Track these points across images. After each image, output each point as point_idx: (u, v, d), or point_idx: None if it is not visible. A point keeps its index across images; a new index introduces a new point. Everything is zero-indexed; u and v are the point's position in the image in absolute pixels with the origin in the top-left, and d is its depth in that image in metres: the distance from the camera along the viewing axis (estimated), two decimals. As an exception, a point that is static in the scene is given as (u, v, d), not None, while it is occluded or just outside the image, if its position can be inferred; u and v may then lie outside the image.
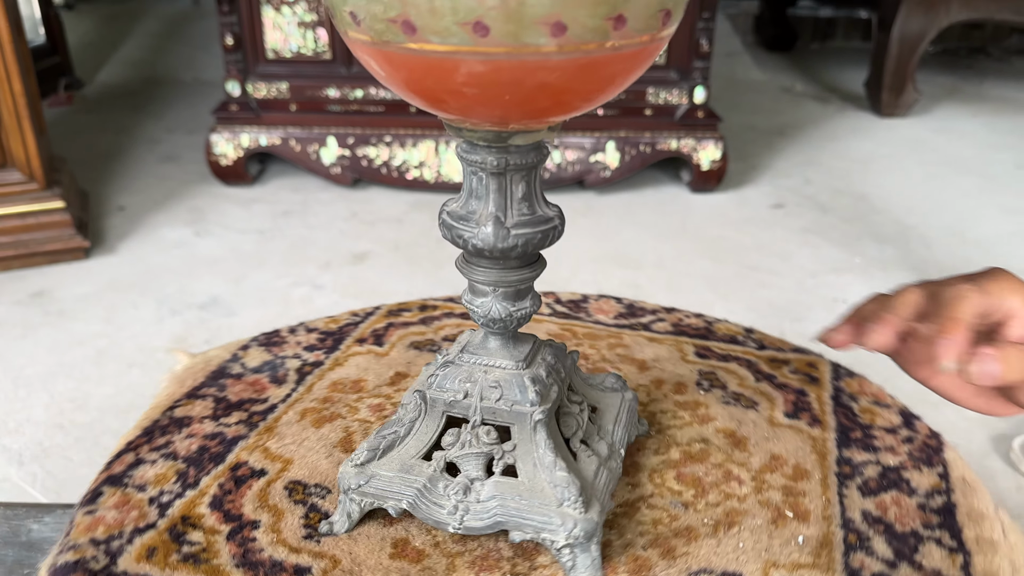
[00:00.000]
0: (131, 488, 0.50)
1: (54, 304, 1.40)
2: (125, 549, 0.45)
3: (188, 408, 0.59)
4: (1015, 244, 1.68)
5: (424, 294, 1.46)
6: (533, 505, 0.42)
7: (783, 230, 1.74)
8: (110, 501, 0.49)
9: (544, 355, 0.47)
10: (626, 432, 0.50)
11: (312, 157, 1.84)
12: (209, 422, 0.57)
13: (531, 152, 0.37)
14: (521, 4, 0.26)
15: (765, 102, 2.67)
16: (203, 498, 0.49)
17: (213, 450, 0.54)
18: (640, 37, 0.29)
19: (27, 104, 1.46)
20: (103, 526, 0.47)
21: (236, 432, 0.56)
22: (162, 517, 0.48)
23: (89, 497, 0.50)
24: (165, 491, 0.50)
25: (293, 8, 1.74)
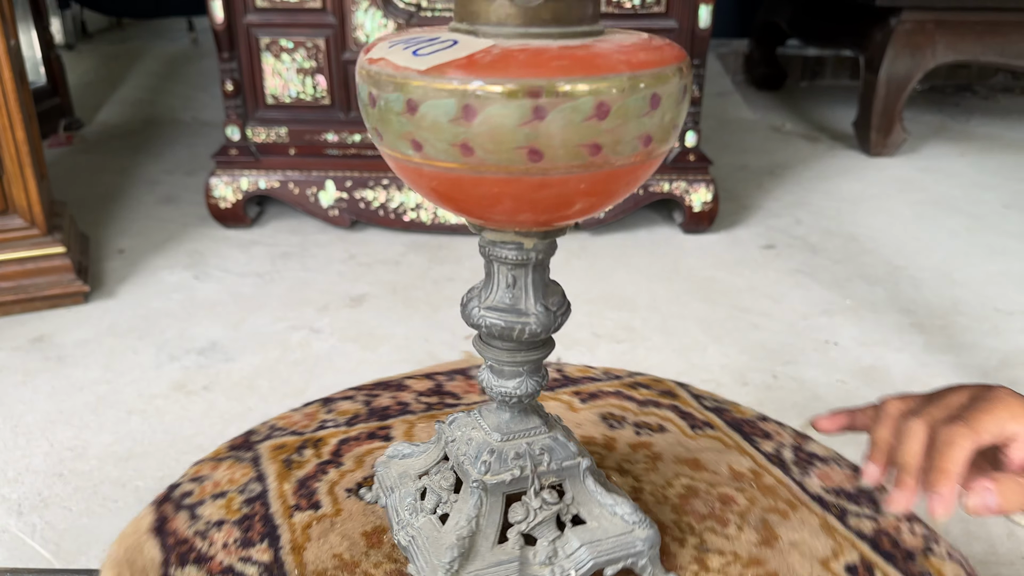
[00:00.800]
0: None
1: (54, 350, 1.41)
2: None
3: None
4: (1002, 285, 1.71)
5: (421, 337, 1.48)
6: (614, 539, 0.48)
7: (774, 271, 1.76)
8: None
9: (547, 411, 0.50)
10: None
11: (310, 200, 1.87)
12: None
13: (553, 243, 0.40)
14: (500, 133, 0.29)
15: (755, 141, 2.71)
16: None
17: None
18: (623, 159, 0.31)
19: (29, 152, 1.49)
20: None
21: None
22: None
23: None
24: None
25: (292, 55, 1.77)
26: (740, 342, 1.47)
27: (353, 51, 1.78)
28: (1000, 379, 1.35)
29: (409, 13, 1.75)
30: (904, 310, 1.60)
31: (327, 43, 1.77)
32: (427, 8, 1.75)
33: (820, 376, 1.37)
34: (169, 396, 1.29)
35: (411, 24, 1.76)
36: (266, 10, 1.74)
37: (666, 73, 0.30)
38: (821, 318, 1.57)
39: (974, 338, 1.51)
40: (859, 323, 1.55)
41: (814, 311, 1.59)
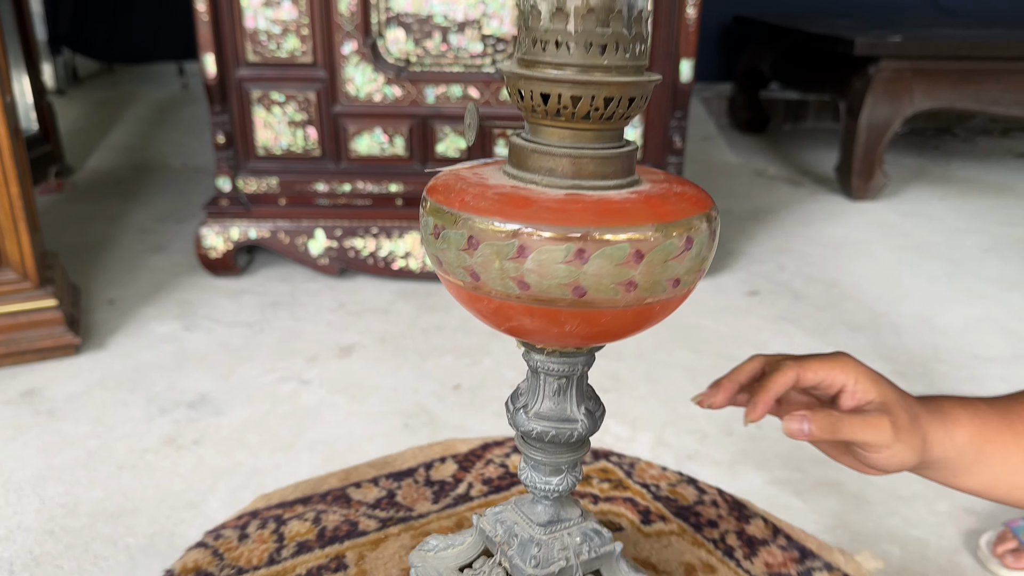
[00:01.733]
0: None
1: (44, 404, 1.42)
2: None
3: None
4: (980, 331, 1.74)
5: (410, 388, 1.49)
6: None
7: (758, 318, 1.79)
8: None
9: None
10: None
11: (300, 249, 1.89)
12: None
13: (593, 356, 0.43)
14: (548, 271, 0.32)
15: (739, 186, 2.76)
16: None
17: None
18: (655, 297, 0.34)
19: (23, 206, 1.51)
20: None
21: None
22: None
23: None
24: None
25: (283, 108, 1.81)
26: (725, 391, 1.49)
27: (343, 104, 1.82)
28: (979, 428, 1.38)
29: (398, 68, 1.79)
30: (885, 357, 1.62)
31: (318, 96, 1.81)
32: (416, 63, 1.79)
33: (803, 426, 1.39)
34: (159, 451, 1.30)
35: (401, 78, 1.79)
36: (257, 65, 1.78)
37: (695, 223, 0.32)
38: (804, 366, 1.59)
39: (953, 385, 1.54)
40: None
41: (797, 359, 1.61)
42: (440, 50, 1.78)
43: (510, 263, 0.32)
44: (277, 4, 1.73)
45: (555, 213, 0.31)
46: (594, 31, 0.29)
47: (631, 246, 0.31)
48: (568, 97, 0.29)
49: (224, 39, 1.75)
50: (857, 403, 0.51)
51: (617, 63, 0.29)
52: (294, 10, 1.73)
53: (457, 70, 1.80)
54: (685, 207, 0.33)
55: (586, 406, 0.42)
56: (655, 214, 0.32)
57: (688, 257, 0.33)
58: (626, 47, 0.29)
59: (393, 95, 1.81)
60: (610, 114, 0.30)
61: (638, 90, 0.30)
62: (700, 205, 0.34)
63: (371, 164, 1.87)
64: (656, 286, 0.33)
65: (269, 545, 0.80)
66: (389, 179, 1.87)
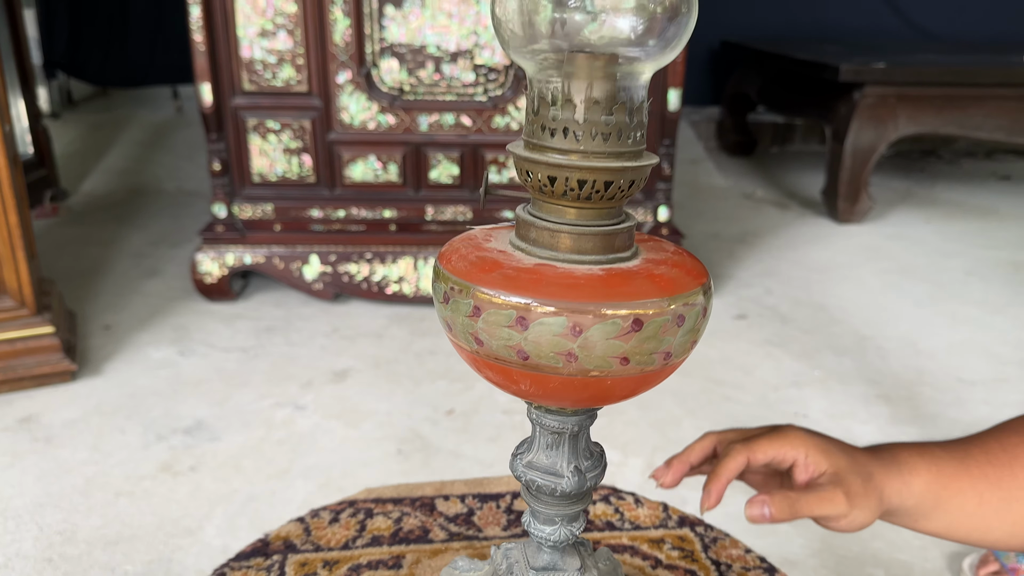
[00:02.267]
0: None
1: (41, 431, 1.43)
2: None
3: None
4: (964, 355, 1.78)
5: (404, 413, 1.51)
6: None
7: (746, 342, 1.82)
8: None
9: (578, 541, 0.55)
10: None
11: (295, 274, 1.91)
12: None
13: (591, 416, 0.45)
14: (546, 341, 0.34)
15: (728, 209, 2.80)
16: None
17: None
18: (648, 368, 0.36)
19: (22, 234, 1.53)
20: None
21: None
22: None
23: None
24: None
25: (279, 136, 1.84)
26: (713, 416, 1.52)
27: (338, 131, 1.85)
28: (962, 451, 1.41)
29: (392, 97, 1.83)
30: (871, 381, 1.65)
31: (313, 124, 1.84)
32: (409, 92, 1.82)
33: (790, 450, 1.42)
34: (156, 477, 1.31)
35: (394, 106, 1.83)
36: (253, 93, 1.81)
37: (688, 298, 0.35)
38: (791, 390, 1.62)
39: (938, 409, 1.57)
40: (827, 395, 1.60)
41: (784, 383, 1.64)
42: (433, 79, 1.81)
43: (510, 332, 0.34)
44: (273, 34, 1.76)
45: (554, 286, 0.33)
46: (599, 120, 0.31)
47: (624, 321, 0.34)
48: (574, 181, 0.32)
49: (220, 68, 1.78)
50: (810, 475, 0.53)
51: (619, 149, 0.32)
52: (289, 40, 1.77)
53: (450, 99, 1.84)
54: (678, 283, 0.35)
55: (577, 464, 0.44)
56: (653, 290, 0.34)
57: (681, 331, 0.35)
58: (628, 134, 0.32)
59: (387, 123, 1.84)
60: (611, 195, 0.33)
61: (638, 173, 0.33)
62: (694, 279, 0.36)
63: (365, 190, 1.90)
64: (647, 358, 0.35)
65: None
66: (383, 205, 1.90)
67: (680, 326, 0.33)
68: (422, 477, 1.32)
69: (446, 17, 1.76)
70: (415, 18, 1.76)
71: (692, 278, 0.35)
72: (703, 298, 0.34)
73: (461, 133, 1.86)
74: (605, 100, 0.31)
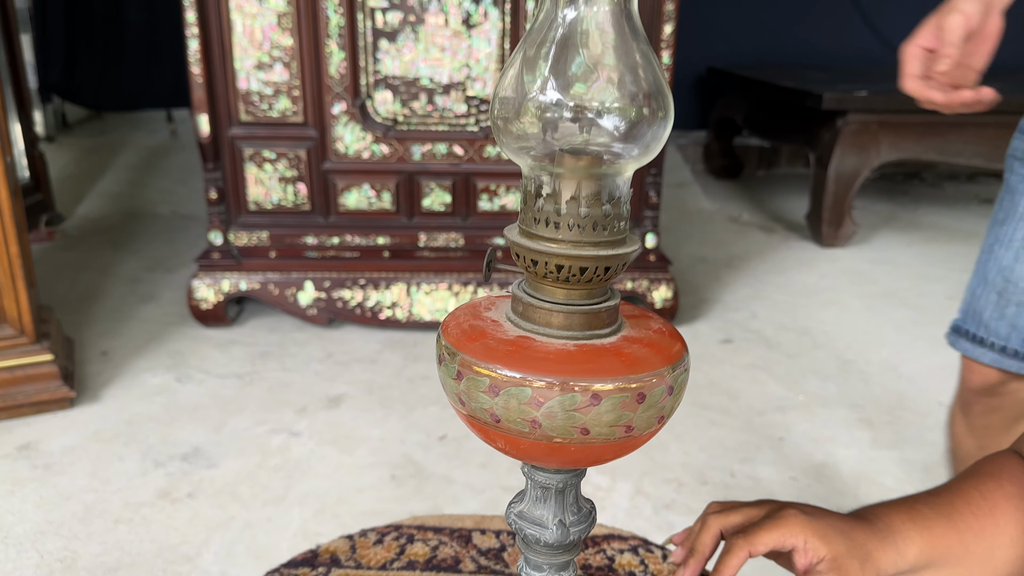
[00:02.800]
0: None
1: (41, 457, 1.46)
2: None
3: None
4: (944, 379, 1.82)
5: (397, 439, 1.54)
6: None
7: (731, 366, 1.86)
8: None
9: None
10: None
11: (289, 300, 1.95)
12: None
13: (578, 475, 0.48)
14: (559, 416, 0.37)
15: (714, 232, 2.85)
16: None
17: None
18: (644, 433, 0.40)
19: (21, 264, 1.56)
20: None
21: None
22: None
23: None
24: None
25: (275, 165, 1.87)
26: (700, 439, 1.56)
27: (333, 161, 1.89)
28: (940, 475, 1.45)
29: (386, 127, 1.87)
30: (853, 405, 1.69)
31: (308, 154, 1.88)
32: (403, 123, 1.87)
33: (774, 474, 1.45)
34: (155, 504, 1.34)
35: (388, 136, 1.87)
36: (250, 124, 1.85)
37: (652, 377, 0.38)
38: (776, 414, 1.66)
39: (918, 433, 1.61)
40: (811, 419, 1.64)
41: (769, 407, 1.68)
42: (426, 110, 1.86)
43: (526, 408, 0.37)
44: (269, 67, 1.80)
45: (564, 368, 0.36)
46: (581, 214, 0.35)
47: (629, 395, 0.37)
48: (553, 265, 0.36)
49: (218, 100, 1.82)
50: (809, 561, 0.56)
51: (601, 239, 0.36)
52: (286, 72, 1.81)
53: (442, 129, 1.88)
54: (666, 355, 0.39)
55: (562, 518, 0.47)
56: (648, 364, 0.38)
57: (672, 398, 0.38)
58: (607, 225, 0.36)
59: (381, 152, 1.89)
60: (588, 279, 0.36)
61: (618, 260, 0.36)
62: (678, 350, 0.40)
63: (359, 218, 1.94)
64: (645, 423, 0.38)
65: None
66: (376, 232, 1.94)
67: (640, 403, 0.37)
68: (415, 503, 1.35)
69: (439, 51, 1.81)
70: (408, 52, 1.80)
71: (662, 357, 0.38)
72: (670, 377, 0.38)
73: (453, 162, 1.90)
74: (589, 196, 0.35)
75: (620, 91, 0.35)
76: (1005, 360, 0.92)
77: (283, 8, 1.76)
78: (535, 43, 0.34)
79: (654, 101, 0.36)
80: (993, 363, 0.93)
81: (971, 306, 0.96)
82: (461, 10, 1.78)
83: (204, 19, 1.74)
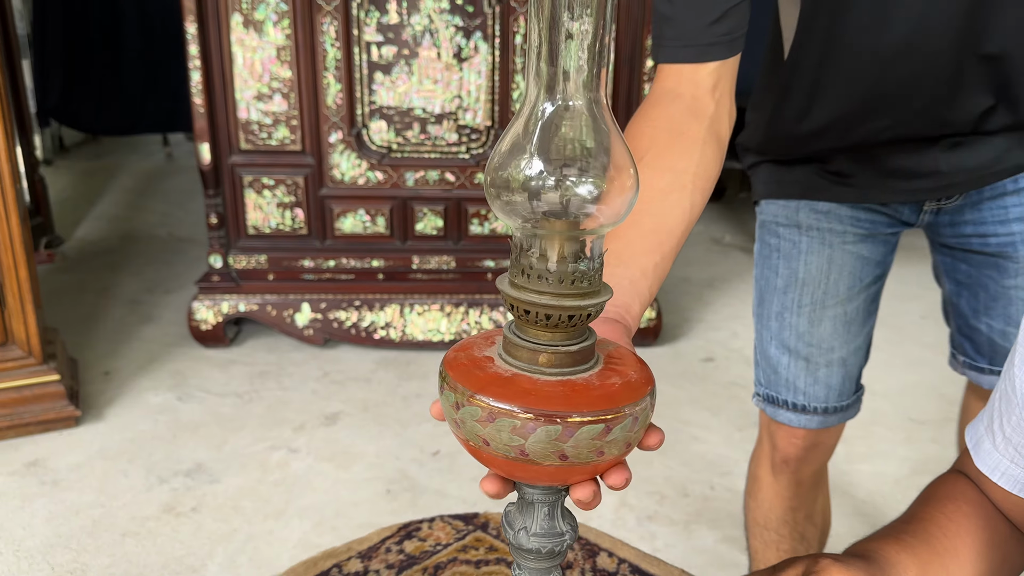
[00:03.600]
0: None
1: (48, 474, 1.51)
2: None
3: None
4: (916, 396, 1.90)
5: (392, 455, 1.61)
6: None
7: (713, 384, 1.94)
8: None
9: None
10: None
11: (287, 321, 2.01)
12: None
13: (558, 492, 0.54)
14: (543, 444, 0.44)
15: (697, 253, 2.93)
16: None
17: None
18: (616, 456, 0.46)
19: (30, 288, 1.62)
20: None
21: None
22: None
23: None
24: None
25: (273, 191, 1.95)
26: (682, 454, 1.63)
27: (329, 187, 1.96)
28: (909, 486, 1.53)
29: (381, 155, 1.95)
30: (828, 421, 1.77)
31: (306, 180, 1.95)
32: (397, 151, 1.95)
33: (752, 487, 1.53)
34: (160, 518, 1.40)
35: (383, 164, 1.95)
36: (250, 151, 1.92)
37: (644, 401, 0.45)
38: (755, 430, 1.73)
39: (890, 447, 1.68)
40: (788, 435, 1.71)
41: (748, 423, 1.76)
42: (419, 139, 1.94)
43: (513, 436, 0.44)
44: (269, 97, 1.88)
45: (548, 401, 0.43)
46: (566, 271, 0.42)
47: (603, 425, 0.43)
48: (543, 315, 0.43)
49: (219, 129, 1.89)
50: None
51: (580, 291, 0.43)
52: (284, 103, 1.88)
53: (435, 157, 1.96)
54: (638, 387, 0.45)
55: (546, 530, 0.52)
56: (621, 398, 0.44)
57: (637, 425, 0.45)
58: (588, 279, 0.43)
59: (376, 179, 1.96)
60: (574, 324, 0.43)
61: (595, 307, 0.43)
62: (647, 382, 0.46)
63: (355, 241, 2.01)
64: (616, 448, 0.45)
65: None
66: (371, 255, 2.01)
67: (609, 431, 0.43)
68: (410, 516, 1.41)
69: (431, 83, 1.89)
70: (403, 83, 1.89)
71: (630, 391, 0.44)
72: (637, 409, 0.44)
73: (445, 188, 1.98)
74: (571, 255, 0.42)
75: (594, 165, 0.43)
76: (828, 419, 0.95)
77: (282, 42, 1.84)
78: (523, 125, 0.41)
79: (623, 173, 0.43)
80: (820, 425, 0.95)
81: (780, 376, 0.96)
82: (453, 44, 1.87)
83: (206, 52, 1.82)
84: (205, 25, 1.80)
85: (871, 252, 0.93)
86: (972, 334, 0.95)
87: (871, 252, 0.93)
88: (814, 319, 0.92)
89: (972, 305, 0.94)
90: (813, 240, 0.90)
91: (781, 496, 1.03)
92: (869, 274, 0.94)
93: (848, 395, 0.97)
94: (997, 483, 0.66)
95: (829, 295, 0.92)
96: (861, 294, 0.94)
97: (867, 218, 0.90)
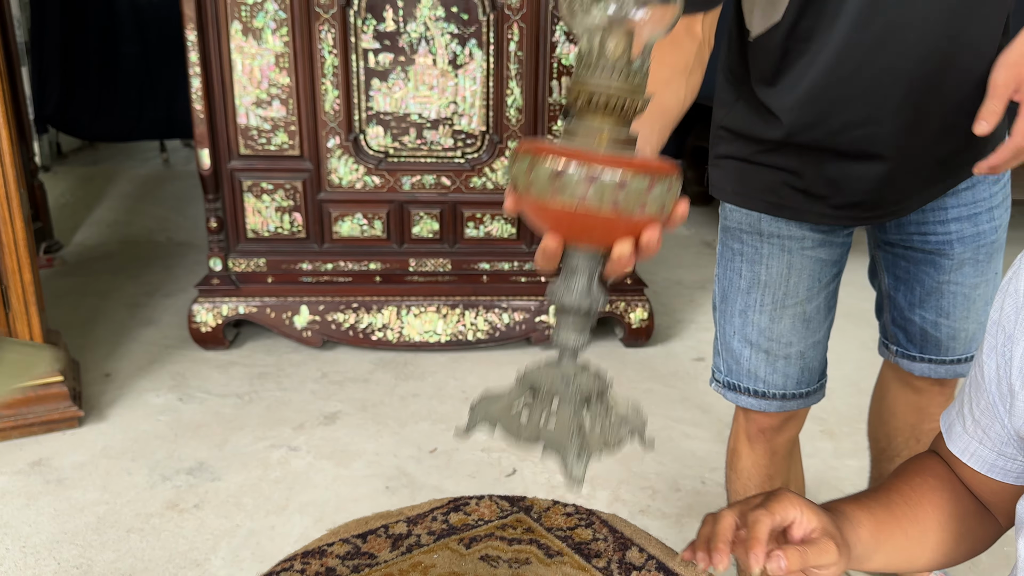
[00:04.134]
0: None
1: (53, 473, 1.54)
2: None
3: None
4: (902, 393, 1.94)
5: (391, 453, 1.64)
6: None
7: (703, 383, 1.97)
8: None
9: None
10: None
11: (286, 323, 2.05)
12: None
13: (597, 259, 0.60)
14: (601, 194, 0.52)
15: (688, 256, 2.98)
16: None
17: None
18: (651, 215, 0.53)
19: (34, 291, 1.65)
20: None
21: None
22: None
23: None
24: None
25: (272, 196, 1.98)
26: (673, 451, 1.67)
27: (328, 191, 2.00)
28: (895, 481, 1.57)
29: (378, 159, 1.98)
30: (816, 418, 1.81)
31: (304, 185, 1.99)
32: (393, 156, 1.98)
33: (742, 482, 1.56)
34: (164, 515, 1.43)
35: (380, 168, 1.98)
36: (249, 157, 1.96)
37: (659, 174, 0.52)
38: (745, 427, 1.77)
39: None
40: (777, 432, 1.75)
41: (739, 421, 1.79)
42: (416, 144, 1.98)
43: (548, 181, 0.52)
44: (268, 103, 1.91)
45: (602, 163, 0.52)
46: (619, 64, 0.53)
47: (647, 181, 0.52)
48: (603, 100, 0.53)
49: (218, 134, 1.92)
50: (804, 532, 0.65)
51: (629, 84, 0.54)
52: (283, 109, 1.92)
53: (431, 161, 2.00)
54: (659, 168, 0.53)
55: (578, 290, 0.59)
56: (660, 169, 0.52)
57: (652, 195, 0.52)
58: (638, 75, 0.54)
59: (373, 183, 2.00)
60: (622, 111, 0.54)
61: (643, 102, 0.54)
62: (668, 172, 0.54)
63: (352, 245, 2.05)
64: (653, 207, 0.52)
65: None
66: (369, 258, 2.05)
67: (653, 187, 0.50)
68: (408, 511, 1.45)
69: (427, 89, 1.93)
70: (399, 89, 1.93)
71: (665, 169, 0.52)
72: (671, 178, 0.52)
73: (441, 192, 2.02)
74: (624, 50, 0.53)
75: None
76: (787, 404, 1.02)
77: (281, 49, 1.88)
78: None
79: None
80: (779, 409, 1.03)
81: (743, 367, 1.04)
82: (448, 51, 1.91)
83: (206, 59, 1.86)
84: (205, 33, 1.84)
85: (828, 255, 1.00)
86: (906, 325, 1.02)
87: (828, 255, 1.00)
88: (775, 317, 0.99)
89: (908, 298, 1.01)
90: (774, 247, 0.98)
91: (758, 465, 1.11)
92: (827, 274, 1.01)
93: (807, 384, 1.04)
94: (967, 464, 0.70)
95: (789, 296, 0.98)
96: (820, 293, 1.01)
97: (825, 226, 0.97)
